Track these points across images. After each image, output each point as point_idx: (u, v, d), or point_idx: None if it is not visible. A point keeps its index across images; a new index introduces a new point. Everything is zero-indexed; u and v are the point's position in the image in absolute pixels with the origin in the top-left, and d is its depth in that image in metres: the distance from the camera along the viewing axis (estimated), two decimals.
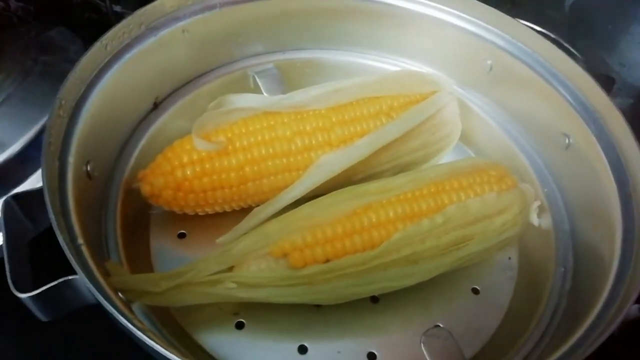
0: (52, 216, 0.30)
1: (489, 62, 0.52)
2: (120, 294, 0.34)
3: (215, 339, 0.40)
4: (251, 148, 0.44)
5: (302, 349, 0.41)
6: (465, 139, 0.55)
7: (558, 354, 0.31)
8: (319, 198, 0.42)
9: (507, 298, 0.45)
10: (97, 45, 0.42)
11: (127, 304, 0.35)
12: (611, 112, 0.43)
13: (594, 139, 0.44)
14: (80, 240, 0.32)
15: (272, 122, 0.45)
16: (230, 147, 0.44)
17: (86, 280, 0.29)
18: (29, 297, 0.29)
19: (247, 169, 0.44)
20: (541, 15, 0.89)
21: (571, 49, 0.86)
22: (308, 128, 0.45)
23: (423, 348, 0.37)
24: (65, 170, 0.36)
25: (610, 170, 0.42)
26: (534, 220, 0.46)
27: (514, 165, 0.51)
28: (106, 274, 0.36)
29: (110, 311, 0.28)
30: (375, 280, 0.40)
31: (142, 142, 0.48)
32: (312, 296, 0.39)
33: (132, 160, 0.47)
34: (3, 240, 0.32)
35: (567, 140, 0.47)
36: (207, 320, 0.41)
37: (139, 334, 0.28)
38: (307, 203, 0.42)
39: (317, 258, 0.39)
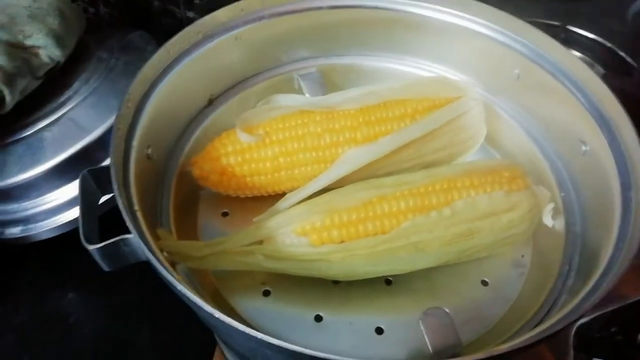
0: (115, 186, 0.38)
1: (516, 71, 0.55)
2: (166, 255, 0.41)
3: (245, 303, 0.47)
4: (285, 141, 0.50)
5: (318, 318, 0.46)
6: (492, 141, 0.59)
7: (537, 330, 0.34)
8: (340, 188, 0.48)
9: (515, 292, 0.48)
10: (161, 50, 0.50)
11: (172, 263, 0.42)
12: (623, 120, 0.45)
13: (607, 146, 0.46)
14: (137, 207, 0.40)
15: (305, 120, 0.51)
16: (267, 140, 0.50)
17: (138, 238, 0.36)
18: (94, 248, 0.37)
19: (280, 159, 0.50)
20: (597, 23, 0.89)
21: (626, 58, 0.85)
22: (337, 126, 0.51)
23: (421, 324, 0.42)
24: (130, 152, 0.43)
25: (617, 175, 0.44)
26: (548, 221, 0.49)
27: (536, 168, 0.54)
28: (156, 237, 0.44)
29: (155, 265, 0.36)
30: (385, 262, 0.45)
31: (197, 133, 0.56)
32: (327, 272, 0.45)
33: (187, 148, 0.54)
34: (79, 205, 0.40)
35: (583, 147, 0.49)
36: (239, 287, 0.48)
37: (177, 284, 0.35)
38: (331, 191, 0.48)
39: (333, 239, 0.44)
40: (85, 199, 0.41)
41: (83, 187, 0.42)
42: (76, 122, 0.65)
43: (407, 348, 0.44)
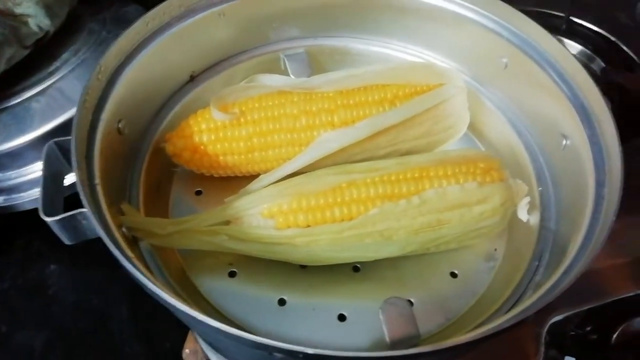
0: (73, 157, 0.37)
1: (504, 59, 0.54)
2: (127, 231, 0.41)
3: (210, 284, 0.47)
4: (260, 122, 0.49)
5: (282, 302, 0.46)
6: (475, 130, 0.57)
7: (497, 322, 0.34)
8: (313, 171, 0.47)
9: (483, 286, 0.47)
10: (139, 22, 0.49)
11: (129, 241, 0.41)
12: (605, 115, 0.43)
13: (587, 141, 0.44)
14: (97, 181, 0.40)
15: (282, 100, 0.50)
16: (242, 119, 0.50)
17: (90, 212, 0.36)
18: (52, 220, 0.37)
19: (254, 140, 0.49)
20: (604, 16, 0.86)
21: (629, 53, 0.83)
22: (314, 108, 0.50)
23: (380, 314, 0.41)
24: (97, 124, 0.43)
25: (594, 171, 0.42)
26: (523, 216, 0.48)
27: (517, 160, 0.53)
28: (120, 212, 0.44)
29: (105, 240, 0.35)
30: (350, 249, 0.44)
31: (176, 109, 0.55)
32: (291, 255, 0.44)
33: (165, 124, 0.54)
34: (42, 175, 0.40)
35: (564, 142, 0.48)
36: (205, 267, 0.48)
37: (124, 261, 0.34)
38: (302, 174, 0.47)
39: (299, 223, 0.44)
40: (49, 170, 0.41)
41: (47, 158, 0.41)
42: (63, 93, 0.65)
43: (367, 336, 0.44)
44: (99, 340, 0.61)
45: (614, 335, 0.58)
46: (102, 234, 0.35)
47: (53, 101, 0.64)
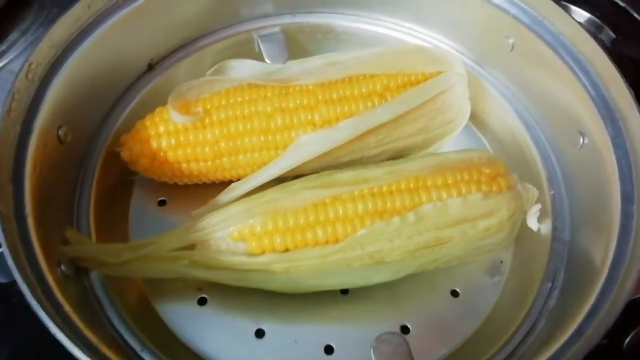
0: None
1: (511, 40, 0.46)
2: (67, 268, 0.35)
3: (176, 313, 0.41)
4: (228, 122, 0.42)
5: (260, 333, 0.40)
6: (478, 121, 0.51)
7: None
8: (289, 182, 0.40)
9: (489, 305, 0.42)
10: (78, 5, 0.41)
11: (66, 278, 0.35)
12: (632, 113, 0.37)
13: (609, 142, 0.38)
14: (27, 210, 0.33)
15: (254, 96, 0.43)
16: (207, 120, 0.42)
17: (8, 252, 0.29)
18: None
19: (222, 144, 0.42)
20: None
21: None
22: (291, 105, 0.43)
23: (372, 354, 0.36)
24: (28, 137, 0.36)
25: (618, 180, 0.36)
26: (533, 224, 0.42)
27: (525, 158, 0.47)
28: (64, 242, 0.37)
29: (24, 292, 0.29)
30: (336, 275, 0.38)
31: (132, 105, 0.47)
32: (268, 284, 0.38)
33: (119, 124, 0.46)
34: None
35: (581, 140, 0.41)
36: (171, 293, 0.42)
37: (51, 326, 0.28)
38: (277, 186, 0.40)
39: (275, 247, 0.38)
40: None
41: None
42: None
43: None
44: None
45: (626, 340, 0.54)
46: (18, 279, 0.28)
47: (2, 86, 0.56)
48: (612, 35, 0.72)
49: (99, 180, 0.43)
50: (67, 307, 0.30)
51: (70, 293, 0.32)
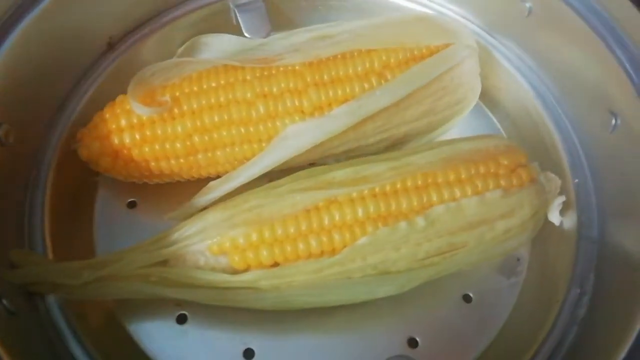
0: None
1: (527, 4, 0.40)
2: (9, 302, 0.29)
3: (152, 333, 0.36)
4: (201, 113, 0.36)
5: (249, 354, 0.35)
6: (488, 98, 0.45)
7: None
8: (275, 182, 0.35)
9: (506, 311, 0.37)
10: None
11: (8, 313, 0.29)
12: None
13: None
14: None
15: (231, 80, 0.37)
16: (176, 110, 0.36)
17: None
18: None
19: (195, 138, 0.36)
20: None
21: None
22: (275, 90, 0.36)
23: None
24: None
25: None
26: (555, 218, 0.37)
27: (542, 140, 0.42)
28: (10, 266, 0.31)
29: None
30: (333, 290, 0.33)
31: (89, 93, 0.41)
32: (256, 303, 0.33)
33: (75, 115, 0.40)
34: None
35: (613, 121, 0.35)
36: (145, 311, 0.36)
37: None
38: (261, 188, 0.35)
39: (262, 261, 0.32)
40: None
41: None
42: None
43: None
44: None
45: None
46: None
47: None
48: None
49: (55, 184, 0.37)
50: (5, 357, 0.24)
51: (13, 332, 0.27)
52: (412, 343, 0.36)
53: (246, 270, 0.33)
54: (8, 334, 0.27)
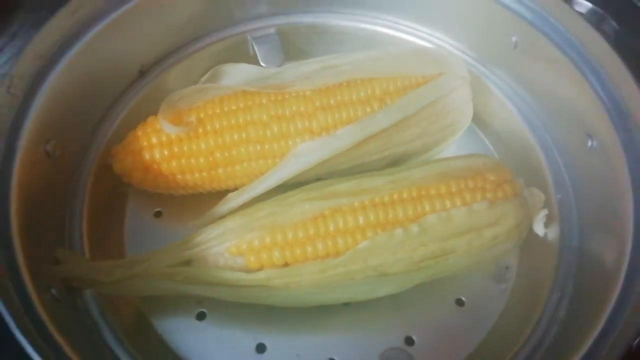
0: None
1: (514, 38, 0.45)
2: (58, 290, 0.33)
3: (175, 329, 0.40)
4: (223, 132, 0.41)
5: (261, 348, 0.39)
6: (480, 122, 0.49)
7: None
8: (286, 194, 0.39)
9: (495, 314, 0.41)
10: (62, 12, 0.39)
11: (57, 301, 0.33)
12: None
13: (620, 146, 0.36)
14: (13, 231, 0.31)
15: (249, 103, 0.42)
16: (200, 129, 0.41)
17: None
18: None
19: (217, 154, 0.41)
20: None
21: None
22: (287, 112, 0.41)
23: None
24: (13, 155, 0.34)
25: (631, 186, 0.35)
26: (539, 230, 0.41)
27: (530, 159, 0.45)
28: (55, 262, 0.36)
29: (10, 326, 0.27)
30: (338, 289, 0.37)
31: (123, 114, 0.46)
32: (268, 299, 0.37)
33: (110, 134, 0.45)
34: None
35: (590, 142, 0.40)
36: (168, 308, 0.40)
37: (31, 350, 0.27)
38: (274, 199, 0.39)
39: (274, 261, 0.36)
40: None
41: None
42: None
43: None
44: None
45: (634, 342, 0.53)
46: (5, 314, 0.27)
47: None
48: (616, 26, 0.70)
49: (91, 194, 0.42)
50: (56, 335, 0.28)
51: (61, 317, 0.31)
52: (409, 341, 0.40)
53: (260, 269, 0.37)
54: (60, 318, 0.31)
